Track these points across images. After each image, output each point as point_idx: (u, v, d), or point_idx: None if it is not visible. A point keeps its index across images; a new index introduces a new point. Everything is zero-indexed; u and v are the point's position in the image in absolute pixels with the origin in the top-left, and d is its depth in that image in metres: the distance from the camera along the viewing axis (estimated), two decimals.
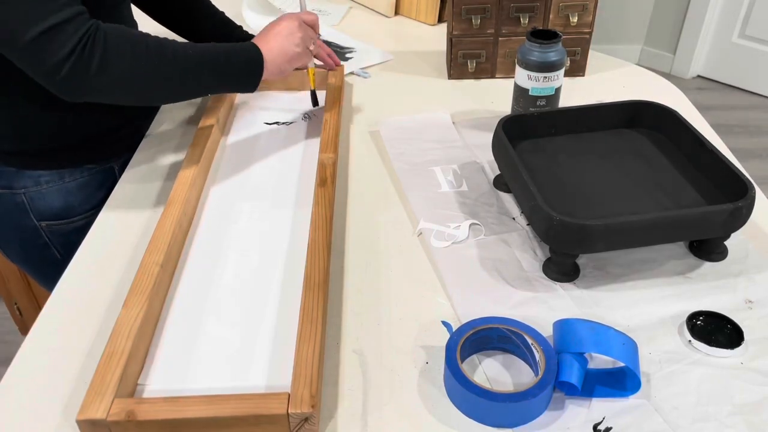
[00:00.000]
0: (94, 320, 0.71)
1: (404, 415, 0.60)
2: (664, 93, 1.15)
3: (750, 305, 0.71)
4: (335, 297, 0.73)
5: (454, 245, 0.80)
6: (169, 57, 0.79)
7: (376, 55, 1.30)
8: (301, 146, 1.01)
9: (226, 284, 0.75)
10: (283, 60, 0.92)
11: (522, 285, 0.74)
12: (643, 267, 0.76)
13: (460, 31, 1.16)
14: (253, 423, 0.57)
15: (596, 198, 0.79)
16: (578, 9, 1.14)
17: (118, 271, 0.77)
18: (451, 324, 0.66)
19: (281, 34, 0.93)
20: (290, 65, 0.94)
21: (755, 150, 2.58)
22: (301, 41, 0.94)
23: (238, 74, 0.88)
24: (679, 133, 0.86)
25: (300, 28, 0.95)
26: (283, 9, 1.48)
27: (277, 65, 0.92)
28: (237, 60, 0.87)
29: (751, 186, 0.72)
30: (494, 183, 0.91)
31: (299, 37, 0.94)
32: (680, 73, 3.10)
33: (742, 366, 0.64)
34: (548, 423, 0.59)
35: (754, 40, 2.87)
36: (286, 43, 0.92)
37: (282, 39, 0.92)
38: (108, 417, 0.56)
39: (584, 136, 0.91)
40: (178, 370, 0.65)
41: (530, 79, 0.95)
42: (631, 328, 0.68)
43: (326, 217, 0.79)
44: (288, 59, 0.93)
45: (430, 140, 1.01)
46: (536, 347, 0.62)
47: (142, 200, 0.89)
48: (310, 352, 0.61)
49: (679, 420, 0.59)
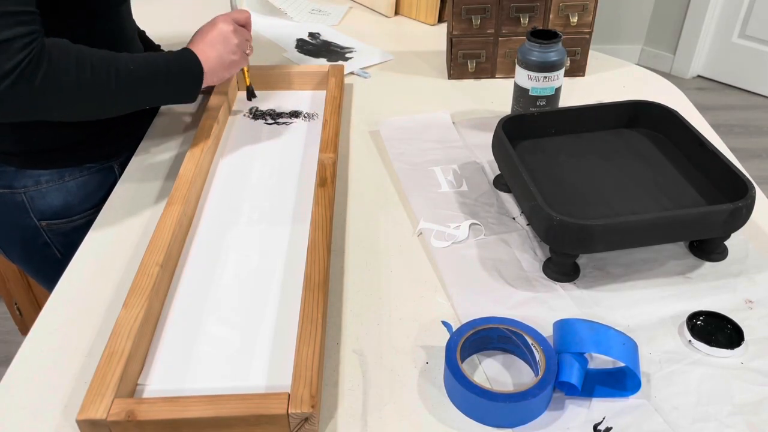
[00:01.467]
0: (94, 320, 0.71)
1: (404, 415, 0.60)
2: (664, 93, 1.15)
3: (750, 305, 0.71)
4: (335, 297, 0.73)
5: (454, 245, 0.80)
6: (112, 75, 0.79)
7: (376, 55, 1.30)
8: (301, 146, 1.01)
9: (226, 284, 0.75)
10: (221, 69, 0.94)
11: (522, 285, 0.74)
12: (643, 267, 0.76)
13: (460, 31, 1.16)
14: (253, 423, 0.57)
15: (596, 198, 0.79)
16: (578, 9, 1.14)
17: (118, 271, 0.77)
18: (451, 324, 0.66)
19: (217, 42, 0.93)
20: (228, 73, 0.96)
21: (755, 150, 2.58)
22: (237, 48, 0.95)
23: (179, 87, 0.89)
24: (679, 133, 0.86)
25: (235, 33, 0.95)
26: (283, 9, 1.48)
27: (216, 74, 0.94)
28: (178, 73, 0.88)
29: (751, 186, 0.72)
30: (494, 183, 0.91)
31: (235, 44, 0.95)
32: (680, 73, 3.10)
33: (742, 366, 0.64)
34: (548, 423, 0.59)
35: (754, 40, 2.87)
36: (224, 51, 0.93)
37: (219, 47, 0.93)
38: (108, 417, 0.56)
39: (584, 136, 0.91)
40: (178, 370, 0.65)
41: (530, 79, 0.95)
42: (631, 328, 0.68)
43: (326, 217, 0.79)
44: (226, 68, 0.94)
45: (430, 140, 1.01)
46: (536, 347, 0.62)
47: (142, 200, 0.89)
48: (310, 352, 0.61)
49: (679, 420, 0.59)
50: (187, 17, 1.29)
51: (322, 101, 1.10)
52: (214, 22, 0.95)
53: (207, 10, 1.11)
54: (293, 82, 1.16)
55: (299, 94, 1.15)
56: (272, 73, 1.15)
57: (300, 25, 1.44)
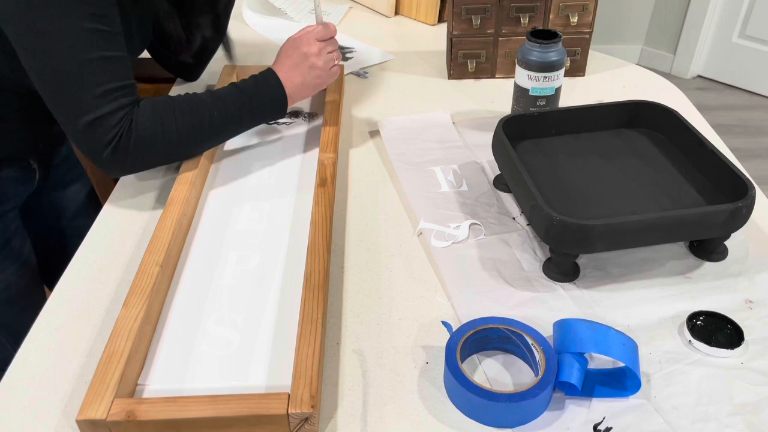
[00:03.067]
0: (94, 320, 0.71)
1: (404, 415, 0.60)
2: (664, 93, 1.15)
3: (750, 305, 0.71)
4: (335, 297, 0.73)
5: (454, 245, 0.80)
6: (197, 121, 0.84)
7: (376, 55, 1.30)
8: (301, 146, 1.01)
9: (226, 284, 0.75)
10: (306, 90, 0.94)
11: (522, 285, 0.74)
12: (643, 267, 0.76)
13: (460, 31, 1.16)
14: (253, 423, 0.57)
15: (596, 198, 0.79)
16: (578, 9, 1.14)
17: (118, 271, 0.77)
18: (451, 324, 0.65)
19: (302, 65, 0.92)
20: (313, 92, 0.96)
21: (755, 150, 2.58)
22: (322, 71, 0.93)
23: (264, 115, 0.93)
24: (679, 133, 0.86)
25: (320, 55, 0.93)
26: (283, 9, 1.48)
27: (300, 95, 0.94)
28: (262, 104, 0.90)
29: (751, 186, 0.72)
30: (494, 183, 0.91)
31: (320, 68, 0.93)
32: (680, 73, 3.10)
33: (742, 366, 0.64)
34: (548, 423, 0.59)
35: (754, 40, 2.87)
36: (308, 76, 0.92)
37: (305, 72, 0.92)
38: (108, 417, 0.56)
39: (584, 136, 0.91)
40: (178, 370, 0.65)
41: (530, 79, 0.95)
42: (631, 328, 0.68)
43: (326, 217, 0.79)
44: (310, 90, 0.94)
45: (430, 140, 1.01)
46: (536, 347, 0.62)
47: (142, 200, 0.89)
48: (310, 352, 0.61)
49: (679, 420, 0.59)
50: None
51: (322, 101, 1.10)
52: (298, 43, 0.93)
53: None
54: None
55: None
56: None
57: (300, 26, 1.44)
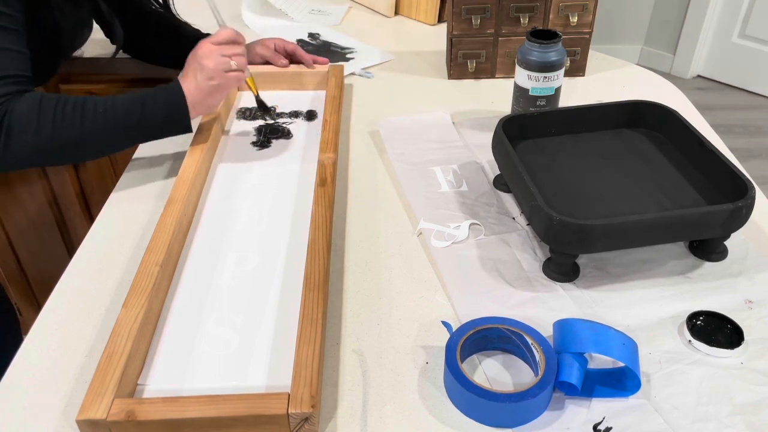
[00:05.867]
0: (94, 320, 0.71)
1: (404, 415, 0.60)
2: (664, 93, 1.15)
3: (750, 305, 0.71)
4: (335, 297, 0.73)
5: (454, 245, 0.80)
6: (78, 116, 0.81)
7: (376, 55, 1.30)
8: (301, 146, 1.01)
9: (226, 284, 0.75)
10: (204, 96, 0.90)
11: (522, 285, 0.74)
12: (643, 267, 0.76)
13: (460, 31, 1.16)
14: (253, 423, 0.57)
15: (596, 198, 0.79)
16: (578, 9, 1.14)
17: (118, 271, 0.77)
18: (451, 324, 0.65)
19: (195, 70, 0.89)
20: (215, 99, 0.91)
21: (755, 150, 2.58)
22: (214, 71, 0.89)
23: (161, 120, 0.88)
24: (679, 133, 0.86)
25: (210, 57, 0.89)
26: (283, 9, 1.48)
27: (203, 104, 0.90)
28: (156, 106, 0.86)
29: (751, 186, 0.72)
30: (494, 183, 0.91)
31: (210, 69, 0.88)
32: (680, 73, 3.10)
33: (742, 366, 0.64)
34: (548, 423, 0.59)
35: (754, 40, 2.87)
36: (201, 79, 0.88)
37: (197, 76, 0.89)
38: (108, 417, 0.56)
39: (584, 136, 0.91)
40: (178, 370, 0.65)
41: (530, 79, 0.95)
42: (631, 328, 0.68)
43: (326, 217, 0.79)
44: (208, 94, 0.90)
45: (430, 140, 1.01)
46: (536, 347, 0.62)
47: (142, 200, 0.89)
48: (310, 352, 0.61)
49: (679, 420, 0.59)
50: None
51: (322, 101, 1.10)
52: (195, 49, 0.91)
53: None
54: (293, 83, 1.16)
55: (299, 94, 1.15)
56: (272, 74, 1.15)
57: (300, 26, 1.44)
